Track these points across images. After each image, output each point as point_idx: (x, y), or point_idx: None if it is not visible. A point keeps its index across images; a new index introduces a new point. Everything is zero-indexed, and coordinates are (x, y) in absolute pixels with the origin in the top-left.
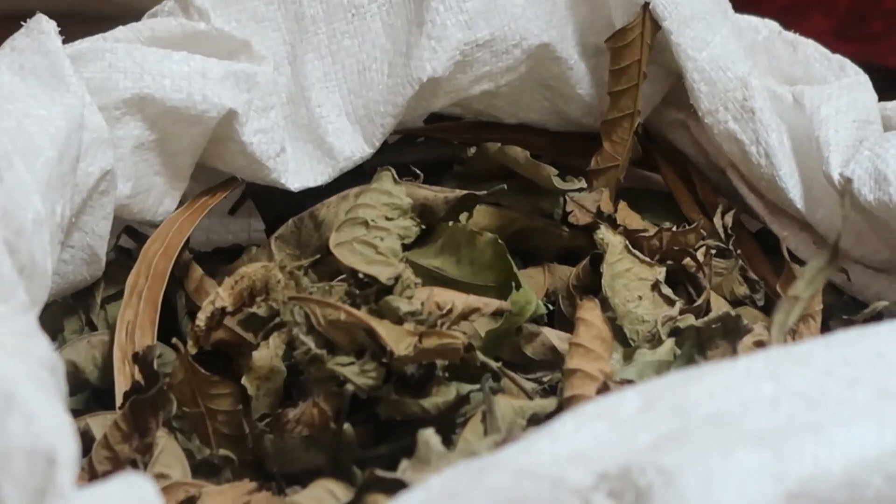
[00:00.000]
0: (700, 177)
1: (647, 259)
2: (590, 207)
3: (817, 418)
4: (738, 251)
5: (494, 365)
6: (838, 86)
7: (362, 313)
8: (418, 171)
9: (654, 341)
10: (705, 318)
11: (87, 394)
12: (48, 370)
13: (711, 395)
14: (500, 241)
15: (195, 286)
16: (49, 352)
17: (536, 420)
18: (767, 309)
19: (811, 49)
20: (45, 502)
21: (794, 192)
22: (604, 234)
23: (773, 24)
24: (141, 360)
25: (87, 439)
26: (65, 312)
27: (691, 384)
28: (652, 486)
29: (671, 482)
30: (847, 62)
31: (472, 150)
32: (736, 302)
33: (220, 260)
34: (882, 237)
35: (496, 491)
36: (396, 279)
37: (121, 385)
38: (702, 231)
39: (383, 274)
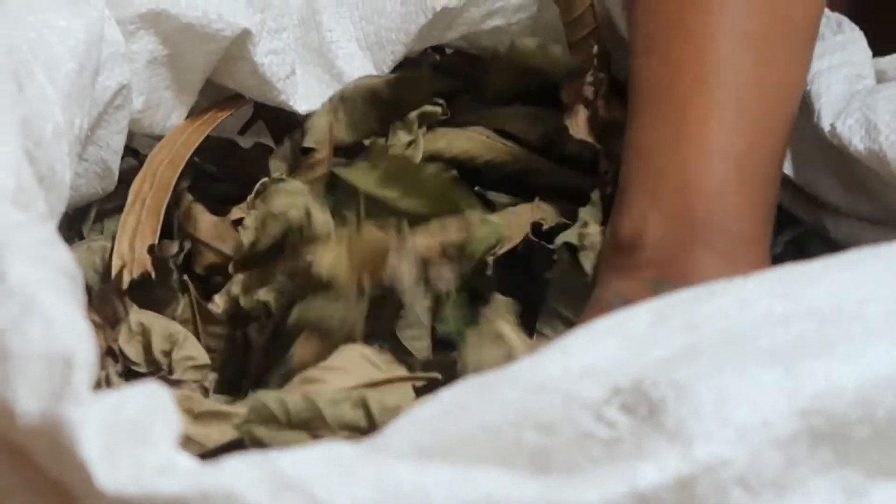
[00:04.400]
0: None
1: None
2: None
3: (830, 336)
4: None
5: None
6: (833, 42)
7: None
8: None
9: None
10: None
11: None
12: (68, 277)
13: (723, 312)
14: (445, 172)
15: (184, 210)
16: (69, 260)
17: None
18: None
19: None
20: (61, 406)
21: None
22: None
23: None
24: (155, 253)
25: None
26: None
27: (703, 302)
28: (665, 400)
29: (684, 396)
30: (844, 19)
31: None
32: None
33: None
34: (872, 188)
35: (507, 405)
36: None
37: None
38: None
39: None
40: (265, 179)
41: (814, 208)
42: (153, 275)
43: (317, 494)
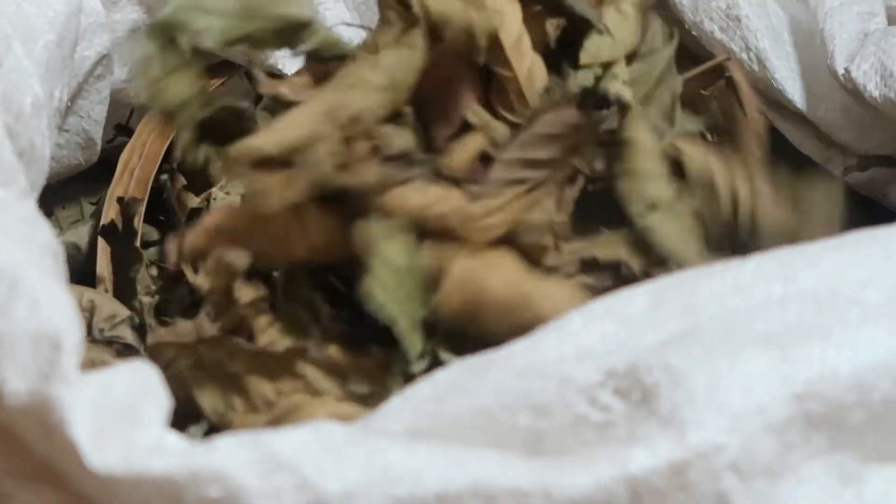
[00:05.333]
0: None
1: None
2: None
3: (827, 320)
4: None
5: None
6: None
7: None
8: None
9: None
10: None
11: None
12: (51, 256)
13: (720, 295)
14: None
15: (176, 193)
16: (51, 237)
17: None
18: None
19: None
20: (49, 386)
21: (794, 92)
22: None
23: None
24: (125, 205)
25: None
26: (63, 200)
27: (700, 284)
28: (659, 385)
29: (678, 381)
30: None
31: None
32: None
33: None
34: (886, 132)
35: (503, 388)
36: None
37: (102, 263)
38: None
39: None
40: None
41: (826, 146)
42: (119, 227)
43: (308, 475)
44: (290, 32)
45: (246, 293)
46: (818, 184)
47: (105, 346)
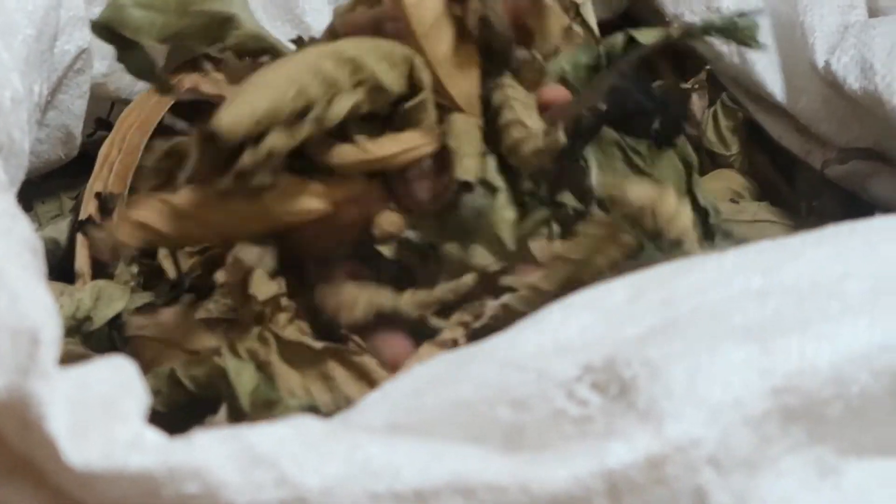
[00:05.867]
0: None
1: None
2: None
3: (806, 313)
4: None
5: None
6: None
7: None
8: None
9: None
10: None
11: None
12: (30, 250)
13: (700, 288)
14: None
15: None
16: (31, 232)
17: None
18: None
19: None
20: (27, 381)
21: (774, 84)
22: None
23: None
24: (103, 200)
25: None
26: (42, 194)
27: (680, 277)
28: (636, 379)
29: (656, 375)
30: None
31: None
32: None
33: None
34: (866, 125)
35: (481, 381)
36: None
37: (80, 259)
38: None
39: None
40: None
41: (806, 139)
42: (97, 220)
43: (286, 470)
44: (215, 28)
45: (264, 289)
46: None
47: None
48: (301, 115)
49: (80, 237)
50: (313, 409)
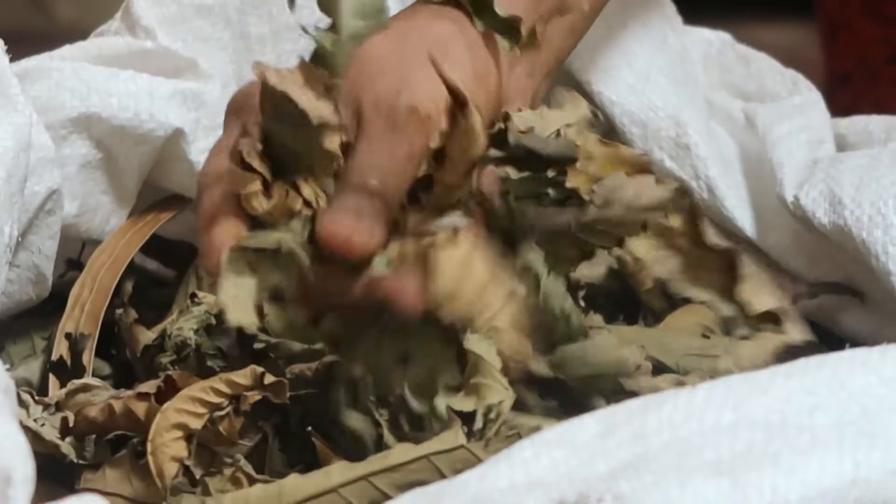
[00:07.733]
0: None
1: None
2: None
3: (777, 447)
4: None
5: None
6: (790, 104)
7: None
8: None
9: None
10: None
11: None
12: (2, 391)
13: (671, 422)
14: None
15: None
16: (2, 372)
17: None
18: None
19: (764, 64)
20: None
21: (744, 220)
22: None
23: (725, 37)
24: (73, 341)
25: None
26: (14, 335)
27: (651, 411)
28: None
29: None
30: (800, 77)
31: None
32: None
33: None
34: (836, 260)
35: None
36: None
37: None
38: None
39: None
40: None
41: (776, 274)
42: (68, 363)
43: None
44: None
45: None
46: None
47: None
48: None
49: (52, 378)
50: None
